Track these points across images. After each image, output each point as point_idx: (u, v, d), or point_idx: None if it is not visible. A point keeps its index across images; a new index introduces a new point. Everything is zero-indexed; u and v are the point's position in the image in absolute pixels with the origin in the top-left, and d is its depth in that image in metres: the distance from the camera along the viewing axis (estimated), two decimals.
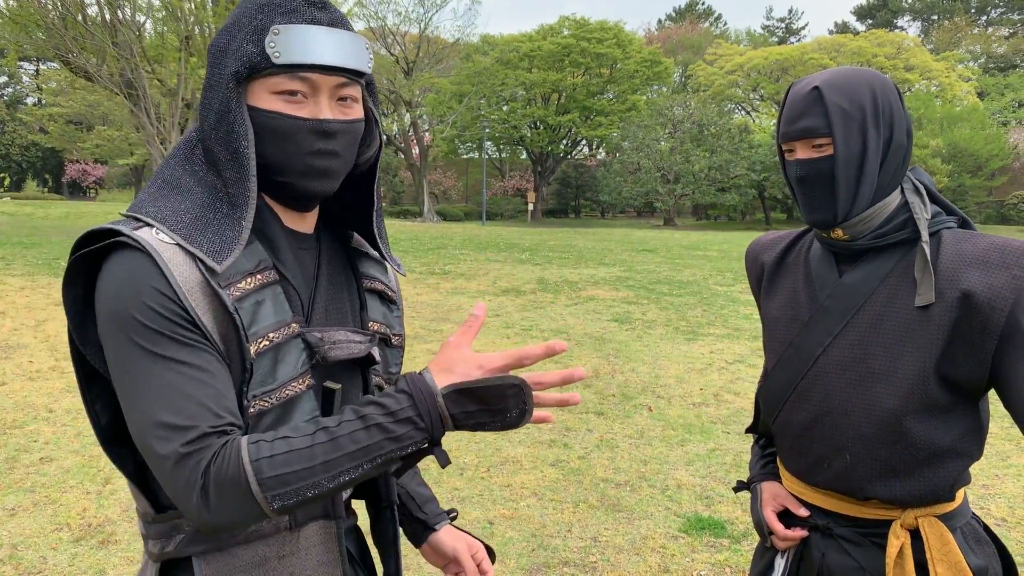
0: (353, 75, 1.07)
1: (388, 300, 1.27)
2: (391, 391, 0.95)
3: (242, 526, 0.93)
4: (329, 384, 1.09)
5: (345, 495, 1.21)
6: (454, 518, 1.40)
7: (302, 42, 1.01)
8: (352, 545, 1.26)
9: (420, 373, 0.96)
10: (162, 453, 0.91)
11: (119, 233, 0.98)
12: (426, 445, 0.96)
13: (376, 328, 1.21)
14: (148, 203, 1.03)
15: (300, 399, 1.04)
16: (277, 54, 1.00)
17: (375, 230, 1.19)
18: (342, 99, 1.07)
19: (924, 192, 1.39)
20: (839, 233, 1.38)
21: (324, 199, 1.23)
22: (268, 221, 1.10)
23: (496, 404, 0.94)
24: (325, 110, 1.04)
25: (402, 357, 1.29)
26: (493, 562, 1.39)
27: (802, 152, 1.36)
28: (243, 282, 1.01)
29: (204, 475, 0.90)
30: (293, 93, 1.02)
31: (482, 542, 1.38)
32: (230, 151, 1.03)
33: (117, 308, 0.95)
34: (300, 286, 1.11)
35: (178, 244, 0.98)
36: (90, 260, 1.02)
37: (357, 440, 0.91)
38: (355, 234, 1.28)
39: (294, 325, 1.05)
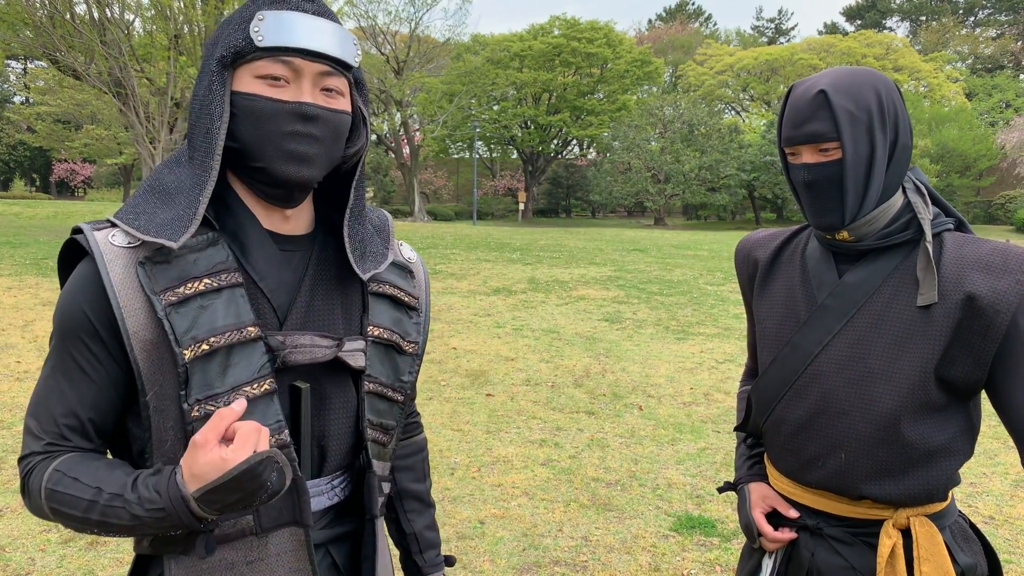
0: (337, 64, 1.07)
1: (404, 305, 1.24)
2: (151, 484, 0.97)
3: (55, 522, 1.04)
4: (297, 383, 1.09)
5: (327, 502, 1.18)
6: (452, 564, 1.44)
7: (285, 26, 1.03)
8: (342, 555, 1.22)
9: (172, 474, 0.97)
10: (22, 450, 1.07)
11: (80, 231, 1.06)
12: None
13: (377, 333, 1.18)
14: (128, 204, 1.07)
15: (257, 403, 1.03)
16: (260, 37, 1.03)
17: (345, 231, 1.15)
18: (327, 89, 1.07)
19: (925, 192, 1.40)
20: (844, 235, 1.37)
21: (324, 200, 1.22)
22: (242, 222, 1.09)
23: (252, 483, 0.93)
24: (306, 94, 1.05)
25: (418, 365, 1.26)
26: (451, 564, 1.46)
27: (808, 156, 1.34)
28: (183, 287, 1.02)
29: (24, 478, 1.05)
30: (276, 78, 1.04)
31: (447, 560, 1.45)
32: (204, 132, 1.05)
33: (56, 312, 1.06)
34: (273, 289, 1.10)
35: (132, 243, 1.03)
36: (73, 261, 1.12)
37: (120, 516, 0.98)
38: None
39: (251, 328, 1.04)
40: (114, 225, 1.05)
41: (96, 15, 18.25)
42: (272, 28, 1.03)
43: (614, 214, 53.89)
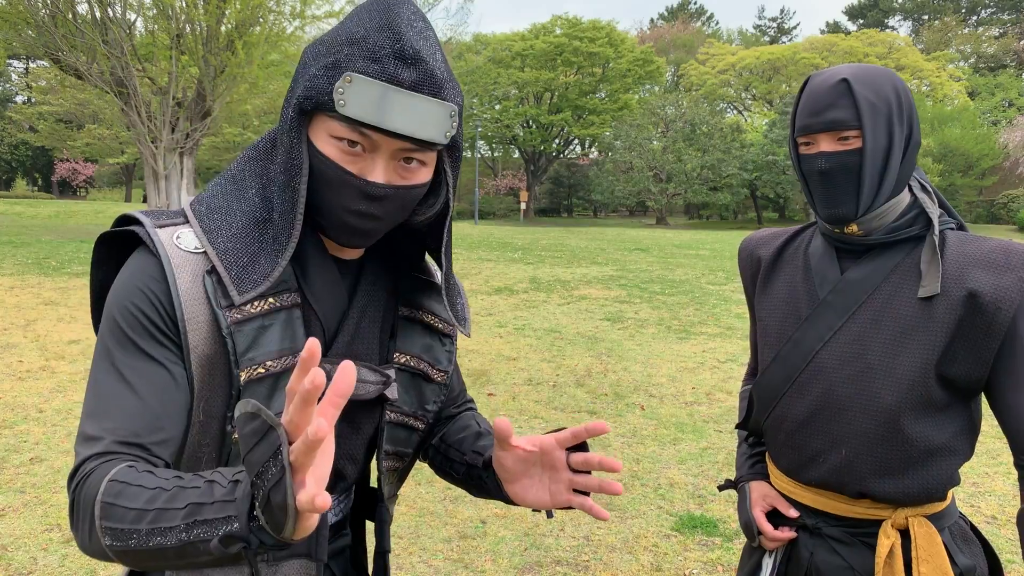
0: (422, 144, 0.97)
1: (438, 332, 1.18)
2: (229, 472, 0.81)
3: (99, 557, 0.85)
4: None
5: (332, 519, 1.15)
6: None
7: (371, 100, 0.92)
8: (340, 568, 1.20)
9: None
10: (74, 463, 0.92)
11: (139, 223, 1.00)
12: (236, 528, 0.74)
13: (404, 361, 1.13)
14: (210, 199, 1.03)
15: None
16: (342, 103, 0.92)
17: (441, 281, 1.11)
18: (408, 159, 0.98)
19: (931, 191, 1.41)
20: (853, 228, 1.37)
21: None
22: (306, 243, 1.04)
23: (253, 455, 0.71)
24: (378, 171, 0.97)
25: (443, 394, 1.19)
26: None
27: (826, 144, 1.33)
28: (248, 304, 0.97)
29: (74, 492, 0.87)
30: (352, 143, 0.95)
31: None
32: (286, 179, 0.99)
33: (110, 305, 0.96)
34: (326, 312, 1.06)
35: (199, 248, 0.98)
36: (120, 248, 1.06)
37: (178, 498, 0.78)
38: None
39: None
40: (185, 223, 1.00)
41: (98, 14, 18.25)
42: (356, 97, 0.92)
43: (616, 213, 53.90)
